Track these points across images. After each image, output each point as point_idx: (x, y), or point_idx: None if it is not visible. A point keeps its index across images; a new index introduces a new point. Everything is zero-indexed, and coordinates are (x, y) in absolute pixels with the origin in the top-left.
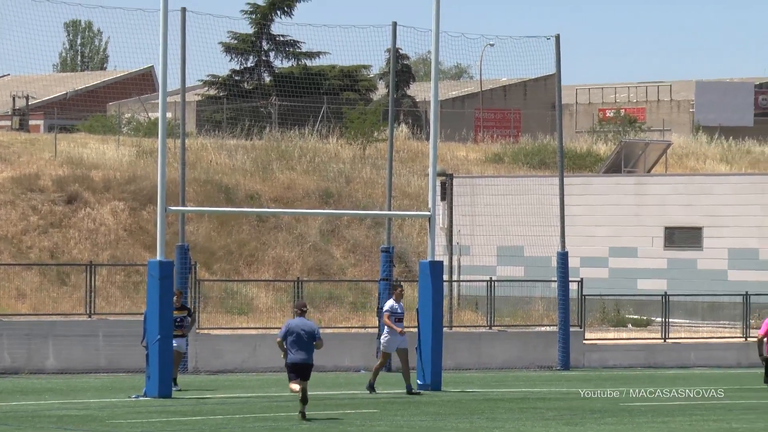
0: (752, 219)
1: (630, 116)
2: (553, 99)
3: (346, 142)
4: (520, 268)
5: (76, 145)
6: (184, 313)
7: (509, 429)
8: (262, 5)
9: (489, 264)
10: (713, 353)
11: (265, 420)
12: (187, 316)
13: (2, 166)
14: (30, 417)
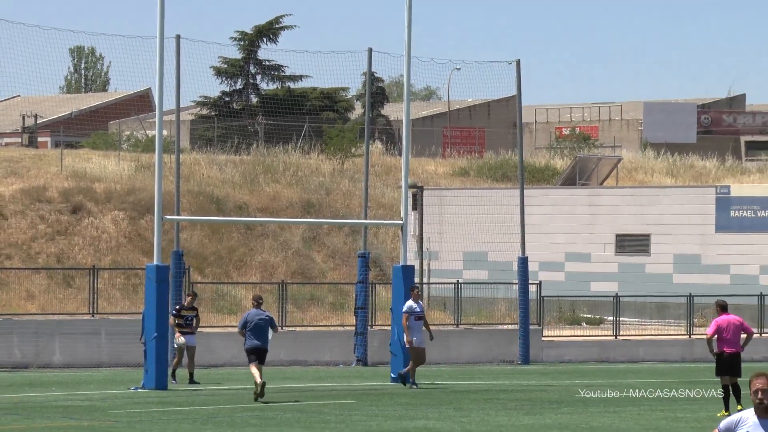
0: (695, 227)
1: (584, 134)
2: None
3: (326, 158)
4: (484, 272)
5: (80, 160)
6: (193, 312)
7: (474, 418)
8: (250, 33)
9: (456, 268)
10: (660, 349)
11: (252, 410)
12: (195, 315)
13: (13, 179)
14: (38, 407)
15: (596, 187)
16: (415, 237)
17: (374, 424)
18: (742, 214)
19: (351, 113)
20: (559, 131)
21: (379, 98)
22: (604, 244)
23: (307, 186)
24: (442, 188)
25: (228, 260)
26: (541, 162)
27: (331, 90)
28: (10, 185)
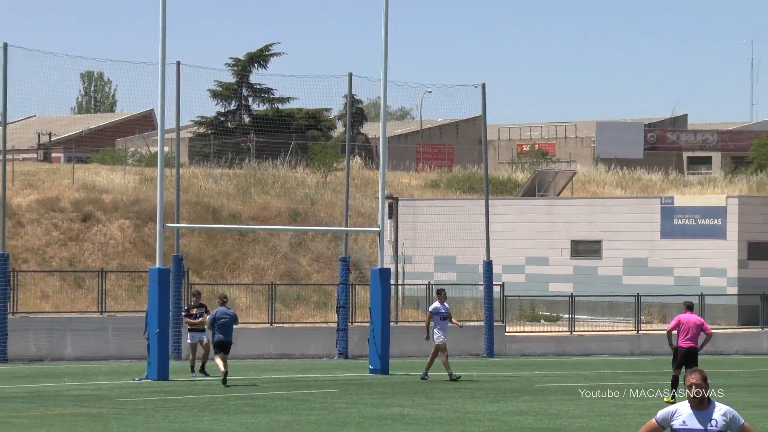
0: (642, 234)
1: (542, 150)
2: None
3: (311, 171)
4: (453, 274)
5: (90, 174)
6: (201, 309)
7: (444, 406)
8: (243, 59)
9: (427, 270)
10: (611, 344)
11: (244, 399)
12: (204, 312)
13: (29, 190)
14: (52, 396)
15: (553, 198)
16: (391, 243)
17: (354, 411)
18: (684, 222)
19: (333, 131)
20: (520, 148)
21: (358, 118)
22: (561, 249)
23: (293, 197)
24: (416, 199)
25: (223, 264)
26: (504, 175)
27: (316, 110)
28: (26, 196)
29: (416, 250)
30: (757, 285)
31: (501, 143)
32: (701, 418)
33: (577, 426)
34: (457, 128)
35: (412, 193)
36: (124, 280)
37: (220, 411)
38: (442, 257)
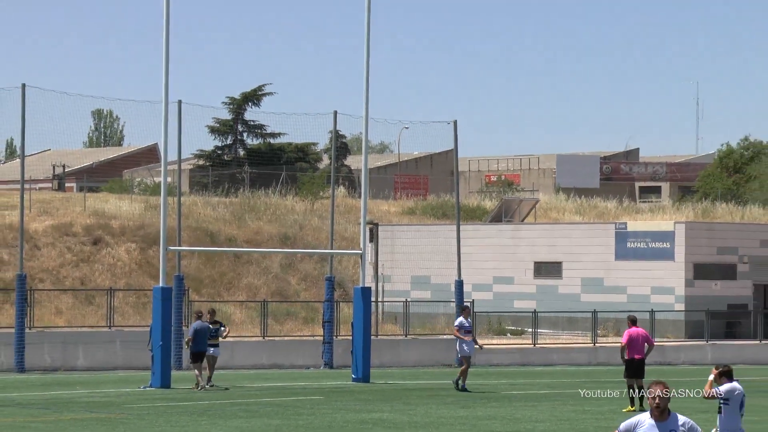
0: (598, 256)
1: (508, 180)
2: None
3: (300, 199)
4: (427, 292)
5: (99, 202)
6: (217, 325)
7: (420, 411)
8: (238, 98)
9: (405, 289)
10: (570, 355)
11: (239, 405)
12: (219, 327)
13: (45, 217)
14: (65, 403)
15: (518, 223)
16: (372, 264)
17: (338, 416)
18: (636, 245)
19: (320, 163)
20: (488, 178)
21: (342, 151)
22: (525, 270)
23: (284, 222)
24: (394, 224)
25: (220, 283)
26: (474, 203)
27: (304, 144)
28: (42, 222)
29: (394, 270)
30: (702, 302)
31: (471, 174)
32: (662, 429)
33: (540, 429)
34: (431, 161)
35: (391, 219)
36: (131, 297)
37: (217, 416)
38: (417, 277)
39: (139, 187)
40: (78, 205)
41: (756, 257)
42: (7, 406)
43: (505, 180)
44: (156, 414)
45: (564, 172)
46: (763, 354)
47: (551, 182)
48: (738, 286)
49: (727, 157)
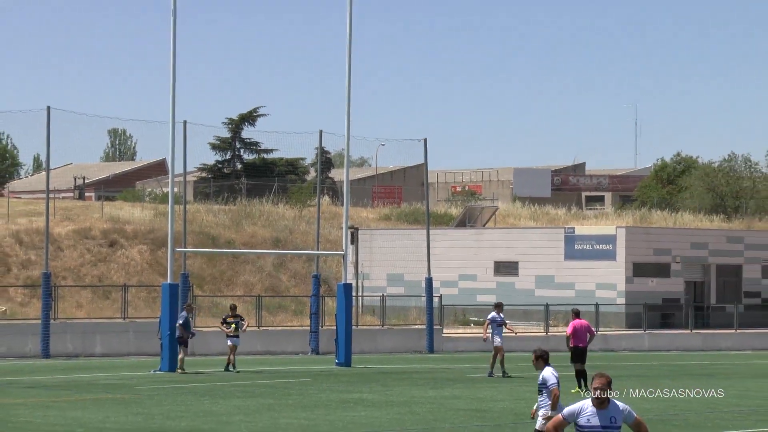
0: (550, 256)
1: (471, 190)
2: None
3: (290, 207)
4: (401, 288)
5: (115, 209)
6: (236, 319)
7: (395, 391)
8: (236, 119)
9: (381, 285)
10: (526, 343)
11: (238, 386)
12: (240, 321)
13: (67, 222)
14: (85, 384)
15: (480, 228)
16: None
17: (324, 396)
18: (583, 247)
19: (307, 176)
20: (454, 188)
21: (327, 165)
22: (486, 268)
23: (276, 227)
24: (372, 229)
25: (220, 280)
26: (441, 210)
27: (293, 159)
28: (65, 227)
29: (372, 269)
30: (640, 297)
31: (439, 185)
32: (602, 417)
33: (499, 407)
34: (404, 173)
35: (369, 224)
36: (142, 293)
37: (218, 396)
38: (392, 274)
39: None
40: (96, 212)
41: (687, 257)
42: (35, 388)
43: (469, 190)
44: (164, 394)
45: (520, 184)
46: (693, 341)
47: (509, 192)
48: (671, 283)
49: (661, 170)
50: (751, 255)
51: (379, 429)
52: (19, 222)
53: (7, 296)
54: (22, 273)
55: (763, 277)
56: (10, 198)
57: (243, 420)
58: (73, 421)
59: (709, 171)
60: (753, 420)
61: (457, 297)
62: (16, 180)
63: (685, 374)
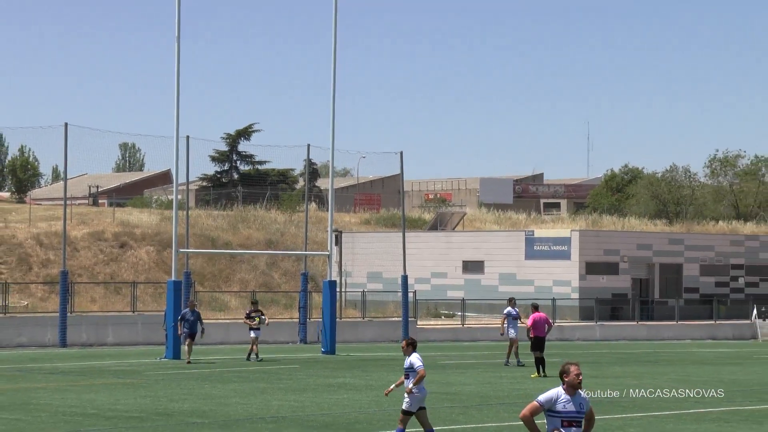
0: (512, 256)
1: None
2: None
3: (281, 212)
4: (380, 284)
5: (125, 214)
6: (258, 314)
7: (374, 376)
8: (233, 134)
9: (362, 282)
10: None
11: (234, 372)
12: (261, 315)
13: (82, 226)
14: (98, 371)
15: (450, 231)
16: (337, 262)
17: (311, 381)
18: (541, 248)
19: (296, 184)
20: (426, 196)
21: (314, 175)
22: (455, 267)
23: (269, 230)
24: (354, 232)
25: (219, 277)
26: (416, 215)
27: (284, 170)
28: (81, 230)
29: (354, 267)
30: (592, 292)
31: (413, 193)
32: (575, 402)
33: (467, 390)
34: (383, 183)
35: (352, 228)
36: (150, 289)
37: (216, 380)
38: (372, 272)
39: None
40: (108, 216)
41: (633, 257)
42: (53, 374)
43: (440, 197)
44: (169, 379)
45: (485, 192)
46: (639, 332)
47: (476, 199)
48: (620, 280)
49: (611, 180)
50: (690, 255)
51: (360, 410)
52: (39, 226)
53: (28, 292)
54: (42, 271)
55: (701, 275)
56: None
57: (239, 402)
58: (88, 403)
59: (653, 180)
60: (692, 402)
61: (429, 292)
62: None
63: (633, 361)
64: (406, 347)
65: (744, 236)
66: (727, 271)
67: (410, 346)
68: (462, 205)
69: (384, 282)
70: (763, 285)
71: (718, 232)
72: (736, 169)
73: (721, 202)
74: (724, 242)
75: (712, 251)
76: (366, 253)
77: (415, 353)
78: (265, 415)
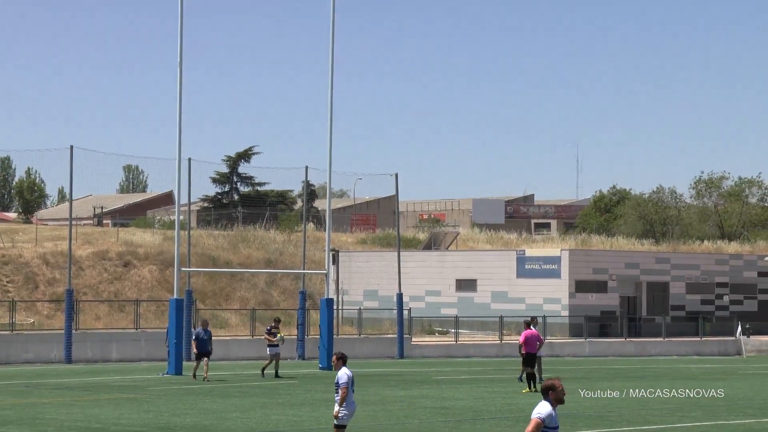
0: (504, 274)
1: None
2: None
3: (280, 232)
4: (376, 302)
5: (129, 234)
6: (277, 330)
7: (369, 392)
8: (233, 156)
9: (359, 299)
10: (483, 349)
11: (235, 387)
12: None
13: (87, 245)
14: (102, 386)
15: (444, 250)
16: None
17: (309, 396)
18: (532, 267)
19: (294, 205)
20: (421, 216)
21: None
22: (449, 285)
23: (268, 249)
24: (350, 251)
25: (219, 295)
26: (410, 235)
27: (283, 191)
28: (86, 249)
29: (351, 285)
30: (581, 310)
31: (408, 213)
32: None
33: (461, 405)
34: (378, 203)
35: (348, 247)
36: (152, 306)
37: (217, 395)
38: (368, 290)
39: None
40: (112, 236)
41: (622, 275)
42: (59, 389)
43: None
44: (171, 394)
45: (478, 212)
46: (627, 348)
47: (468, 219)
48: (608, 298)
49: (600, 201)
50: (676, 273)
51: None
52: (45, 246)
53: (35, 310)
54: (48, 289)
55: (687, 293)
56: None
57: (239, 416)
58: (92, 418)
59: (640, 201)
60: (678, 416)
61: (424, 310)
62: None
63: (621, 376)
64: (336, 361)
65: (728, 255)
66: (712, 289)
67: (340, 361)
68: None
69: (380, 300)
70: (747, 302)
71: (703, 251)
72: (721, 190)
73: (706, 222)
74: (710, 261)
75: (698, 270)
76: (362, 271)
77: (344, 368)
78: (264, 429)
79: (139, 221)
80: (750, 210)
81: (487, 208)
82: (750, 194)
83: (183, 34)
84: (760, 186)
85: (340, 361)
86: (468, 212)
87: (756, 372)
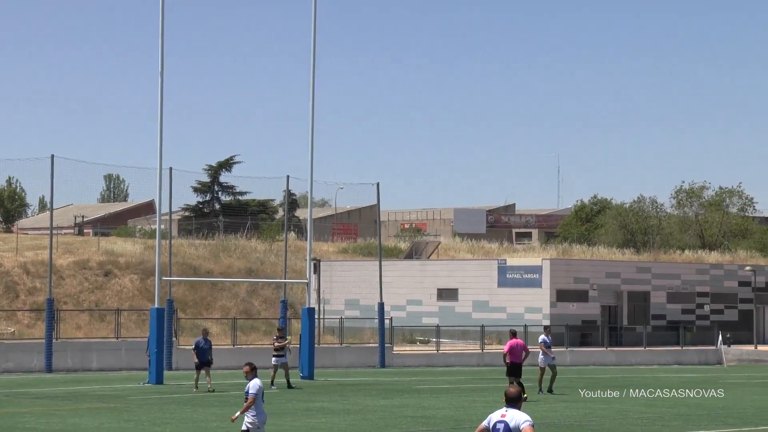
0: (485, 284)
1: (418, 227)
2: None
3: (261, 242)
4: (357, 311)
5: (110, 243)
6: (283, 341)
7: (351, 400)
8: (214, 166)
9: (340, 309)
10: (464, 358)
11: (215, 396)
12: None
13: (68, 255)
14: (82, 395)
15: (425, 259)
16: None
17: (290, 405)
18: (513, 276)
19: (276, 214)
20: (402, 225)
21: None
22: (430, 294)
23: (249, 259)
24: (332, 260)
25: (200, 304)
26: (392, 244)
27: (264, 200)
28: (66, 259)
29: (332, 295)
30: (562, 319)
31: (390, 222)
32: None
33: (441, 414)
34: (360, 213)
35: (330, 257)
36: (133, 315)
37: (198, 405)
38: (350, 300)
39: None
40: (93, 246)
41: (602, 285)
42: (39, 398)
43: (415, 227)
44: (151, 404)
45: (459, 221)
46: (608, 358)
47: (450, 229)
48: (589, 307)
49: (580, 211)
50: (657, 283)
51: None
52: (26, 255)
53: (15, 319)
54: (29, 299)
55: (668, 302)
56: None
57: (219, 426)
58: (73, 428)
59: (621, 211)
60: (659, 425)
61: (405, 319)
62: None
63: (603, 386)
64: (249, 371)
65: (709, 265)
66: (692, 299)
67: (253, 371)
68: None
69: (361, 309)
70: (727, 312)
71: (684, 261)
72: (701, 200)
73: (687, 231)
74: (690, 271)
75: (679, 279)
76: (343, 281)
77: (256, 378)
78: None
79: (120, 230)
80: (730, 220)
81: (469, 217)
82: (730, 204)
83: (164, 43)
84: (741, 196)
85: (253, 371)
86: (449, 222)
87: (736, 381)
